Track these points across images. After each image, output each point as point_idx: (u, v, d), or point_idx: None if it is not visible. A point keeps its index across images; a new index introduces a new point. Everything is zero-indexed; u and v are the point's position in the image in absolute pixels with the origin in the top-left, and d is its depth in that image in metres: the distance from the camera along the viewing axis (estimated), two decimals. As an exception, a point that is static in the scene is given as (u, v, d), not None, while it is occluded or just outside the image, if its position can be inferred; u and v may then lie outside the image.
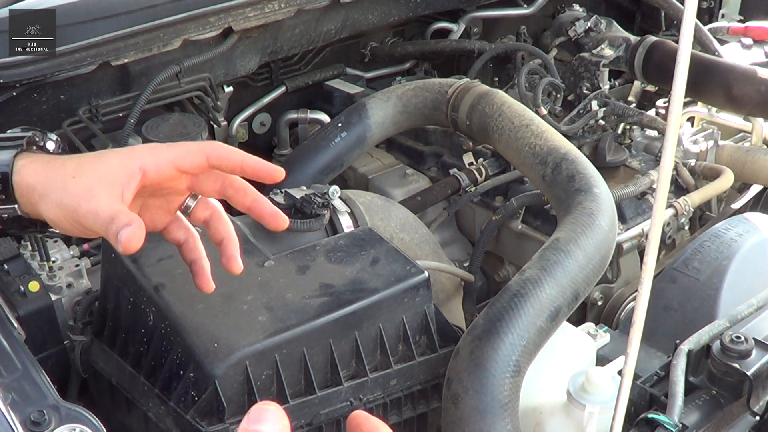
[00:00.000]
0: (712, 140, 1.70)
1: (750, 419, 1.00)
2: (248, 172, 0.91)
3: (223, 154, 0.90)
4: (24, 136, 0.90)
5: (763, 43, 2.00)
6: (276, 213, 0.93)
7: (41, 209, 0.86)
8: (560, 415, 1.05)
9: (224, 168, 0.91)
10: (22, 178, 0.86)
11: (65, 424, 0.84)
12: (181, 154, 0.89)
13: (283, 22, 1.70)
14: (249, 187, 0.94)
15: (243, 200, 0.93)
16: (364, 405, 1.04)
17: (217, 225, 0.95)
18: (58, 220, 0.85)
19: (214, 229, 0.95)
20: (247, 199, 0.93)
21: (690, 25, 0.62)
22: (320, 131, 1.64)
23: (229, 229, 0.96)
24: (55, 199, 0.84)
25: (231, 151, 0.91)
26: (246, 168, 0.90)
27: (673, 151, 0.66)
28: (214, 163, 0.90)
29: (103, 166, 0.86)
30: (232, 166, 0.90)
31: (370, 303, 1.03)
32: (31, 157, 0.88)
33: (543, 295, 1.04)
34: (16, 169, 0.86)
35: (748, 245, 1.27)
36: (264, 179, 0.92)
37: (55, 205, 0.84)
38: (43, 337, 1.19)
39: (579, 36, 1.90)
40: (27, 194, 0.86)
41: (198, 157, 0.89)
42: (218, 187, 0.93)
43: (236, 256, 0.95)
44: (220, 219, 0.96)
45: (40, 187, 0.85)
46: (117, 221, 0.81)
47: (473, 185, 1.62)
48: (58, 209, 0.84)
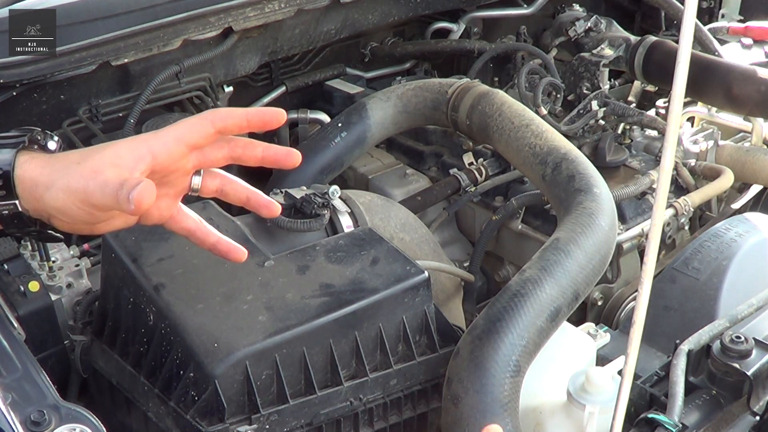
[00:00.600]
0: (712, 140, 1.70)
1: (750, 419, 1.00)
2: (254, 122, 0.91)
3: (226, 115, 0.90)
4: (26, 134, 0.90)
5: (763, 43, 2.00)
6: (290, 150, 0.93)
7: (47, 200, 0.85)
8: (560, 415, 1.05)
9: (230, 128, 0.90)
10: (25, 173, 0.86)
11: (65, 424, 0.84)
12: (186, 128, 0.89)
13: (283, 22, 1.70)
14: (255, 141, 0.94)
15: (253, 153, 0.93)
16: (364, 405, 1.04)
17: (234, 187, 0.96)
18: (65, 206, 0.85)
19: (232, 192, 0.96)
20: (257, 151, 0.93)
21: (690, 25, 0.62)
22: (320, 131, 1.64)
23: (245, 184, 0.97)
24: (61, 185, 0.84)
25: (231, 109, 0.91)
26: (251, 119, 0.90)
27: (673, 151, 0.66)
28: (219, 126, 0.89)
29: (110, 151, 0.86)
30: (238, 122, 0.90)
31: (370, 303, 1.03)
32: (32, 154, 0.88)
33: (543, 295, 1.04)
34: (17, 164, 0.86)
35: (748, 245, 1.27)
36: (270, 124, 0.91)
37: (61, 190, 0.84)
38: (43, 337, 1.19)
39: (579, 36, 1.90)
40: (30, 188, 0.86)
41: (203, 127, 0.89)
42: (226, 152, 0.92)
43: (271, 200, 0.96)
44: (232, 181, 0.96)
45: (45, 179, 0.85)
46: (127, 185, 0.81)
47: (473, 185, 1.62)
48: (65, 194, 0.84)
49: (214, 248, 0.97)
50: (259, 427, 0.96)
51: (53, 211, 0.86)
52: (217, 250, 0.97)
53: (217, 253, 0.97)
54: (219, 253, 0.97)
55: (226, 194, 0.96)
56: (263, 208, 0.97)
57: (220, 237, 0.97)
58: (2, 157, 0.86)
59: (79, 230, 0.90)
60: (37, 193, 0.86)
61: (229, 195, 0.96)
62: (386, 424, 1.07)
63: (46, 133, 0.92)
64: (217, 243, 0.97)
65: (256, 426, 0.96)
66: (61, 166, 0.86)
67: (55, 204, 0.85)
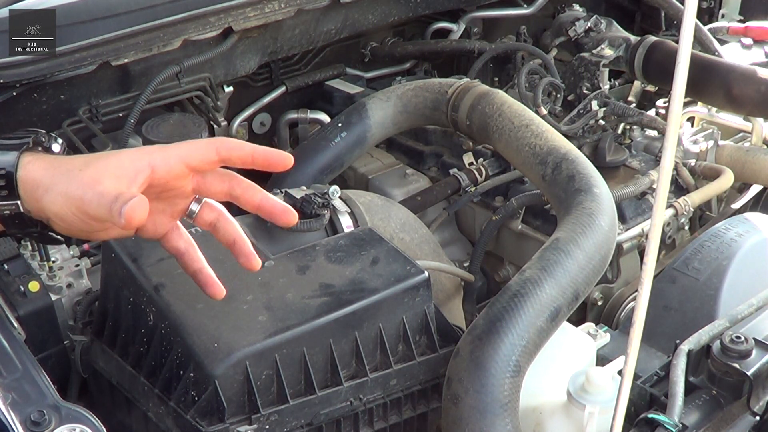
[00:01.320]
0: (712, 140, 1.70)
1: (750, 419, 1.00)
2: (259, 161, 0.90)
3: (233, 146, 0.90)
4: (30, 135, 0.90)
5: (763, 43, 2.00)
6: (286, 209, 0.93)
7: (45, 203, 0.85)
8: (560, 415, 1.05)
9: (234, 160, 0.90)
10: (27, 174, 0.86)
11: (65, 424, 0.84)
12: (191, 150, 0.89)
13: (283, 22, 1.70)
14: (256, 186, 0.94)
15: (252, 199, 0.93)
16: (364, 405, 1.04)
17: (226, 227, 0.95)
18: (62, 211, 0.85)
19: (223, 231, 0.95)
20: (255, 198, 0.93)
21: (690, 25, 0.62)
22: (320, 131, 1.64)
23: (238, 228, 0.96)
24: (60, 190, 0.84)
25: (240, 143, 0.91)
26: (257, 157, 0.90)
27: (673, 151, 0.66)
28: (224, 156, 0.89)
29: (112, 161, 0.86)
30: (243, 157, 0.90)
31: (370, 303, 1.03)
32: (36, 156, 0.88)
33: (543, 295, 1.04)
34: (21, 165, 0.86)
35: (748, 245, 1.27)
36: (275, 167, 0.91)
37: (60, 195, 0.84)
38: (43, 337, 1.19)
39: (579, 36, 1.89)
40: (31, 189, 0.86)
41: (208, 153, 0.89)
42: (225, 188, 0.93)
43: (253, 252, 0.95)
44: (227, 220, 0.96)
45: (46, 181, 0.85)
46: (120, 198, 0.81)
47: (473, 185, 1.62)
48: (63, 199, 0.84)
49: (194, 276, 0.96)
50: (259, 427, 0.96)
51: (51, 215, 0.87)
52: (197, 278, 0.96)
53: (196, 281, 0.96)
54: (198, 282, 0.96)
55: (217, 231, 0.96)
56: (243, 257, 0.95)
57: (203, 267, 0.96)
58: (6, 158, 0.87)
59: (77, 236, 0.91)
60: (37, 195, 0.86)
61: (219, 232, 0.96)
62: (386, 424, 1.07)
63: (51, 136, 0.92)
64: (198, 271, 0.96)
65: (256, 426, 0.96)
66: (63, 170, 0.86)
67: (52, 208, 0.86)
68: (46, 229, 0.90)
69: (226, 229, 0.95)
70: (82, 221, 0.86)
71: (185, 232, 0.97)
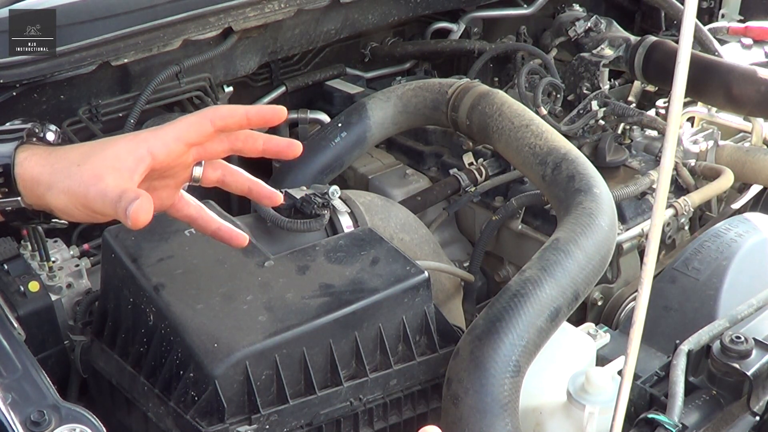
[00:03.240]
0: (712, 140, 1.70)
1: (750, 419, 1.00)
2: (254, 120, 0.91)
3: (226, 113, 0.90)
4: (24, 128, 0.89)
5: (763, 43, 2.00)
6: (291, 141, 0.94)
7: (48, 199, 0.86)
8: (560, 415, 1.05)
9: (230, 126, 0.91)
10: (25, 171, 0.86)
11: (65, 424, 0.84)
12: (185, 127, 0.89)
13: (283, 22, 1.70)
14: (255, 132, 0.94)
15: (254, 145, 0.94)
16: (364, 405, 1.04)
17: (235, 177, 0.97)
18: (67, 207, 0.85)
19: (234, 183, 0.97)
20: (258, 143, 0.94)
21: (690, 25, 0.62)
22: (320, 131, 1.64)
23: (247, 175, 0.97)
24: (62, 188, 0.84)
25: (232, 108, 0.91)
26: (251, 117, 0.91)
27: (673, 151, 0.66)
28: (219, 125, 0.90)
29: (109, 152, 0.86)
30: (238, 120, 0.90)
31: (370, 303, 1.03)
32: (32, 149, 0.88)
33: (543, 295, 1.04)
34: (17, 162, 0.86)
35: (748, 245, 1.27)
36: (271, 121, 0.92)
37: (63, 192, 0.84)
38: (43, 337, 1.19)
39: (579, 36, 1.90)
40: (31, 186, 0.86)
41: (203, 126, 0.89)
42: (226, 145, 0.93)
43: (273, 190, 0.97)
44: (234, 171, 0.97)
45: (46, 179, 0.85)
46: (125, 197, 0.82)
47: (473, 185, 1.62)
48: (66, 196, 0.84)
49: (215, 234, 0.98)
50: (259, 427, 0.96)
51: (55, 210, 0.87)
52: (219, 236, 0.98)
53: (219, 238, 0.98)
54: (221, 238, 0.98)
55: (228, 185, 0.97)
56: (265, 198, 0.98)
57: (221, 223, 0.98)
58: (2, 150, 0.87)
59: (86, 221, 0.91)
60: (39, 192, 0.86)
61: (230, 185, 0.97)
62: (386, 425, 1.07)
63: (44, 125, 0.92)
64: (218, 229, 0.98)
65: (256, 426, 0.96)
66: (61, 166, 0.86)
67: (57, 204, 0.86)
68: (49, 217, 0.91)
69: (236, 180, 0.97)
70: (87, 215, 0.86)
71: (191, 198, 0.97)
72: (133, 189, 0.83)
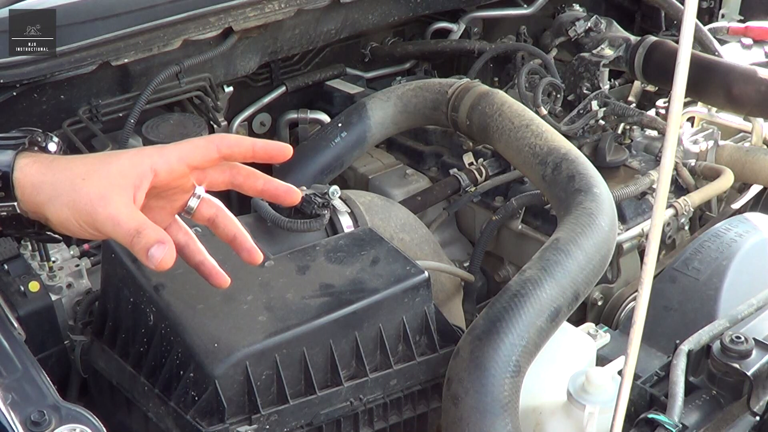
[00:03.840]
0: (712, 140, 1.70)
1: (750, 419, 1.00)
2: (260, 154, 0.91)
3: (233, 142, 0.90)
4: (26, 135, 0.89)
5: (763, 43, 2.00)
6: (289, 188, 0.94)
7: (48, 210, 0.85)
8: (560, 415, 1.05)
9: (235, 156, 0.91)
10: (25, 177, 0.86)
11: (65, 424, 0.84)
12: (191, 149, 0.89)
13: (283, 22, 1.70)
14: (257, 171, 0.94)
15: (254, 184, 0.94)
16: (364, 405, 1.04)
17: (225, 222, 0.96)
18: (68, 221, 0.84)
19: (222, 227, 0.96)
20: (258, 183, 0.94)
21: (690, 25, 0.62)
22: (320, 131, 1.64)
23: (237, 223, 0.96)
24: (65, 201, 0.84)
25: (239, 138, 0.91)
26: (257, 151, 0.91)
27: (673, 151, 0.66)
28: (225, 153, 0.90)
29: (114, 168, 0.85)
30: (243, 152, 0.90)
31: (370, 303, 1.03)
32: (33, 157, 0.87)
33: (543, 295, 1.04)
34: (17, 167, 0.86)
35: (748, 245, 1.27)
36: (276, 159, 0.92)
37: (66, 206, 0.84)
38: (43, 337, 1.19)
39: (579, 36, 1.90)
40: (30, 194, 0.85)
41: (208, 151, 0.89)
42: (227, 177, 0.93)
43: (254, 247, 0.96)
44: (226, 215, 0.96)
45: (48, 188, 0.85)
46: (145, 236, 0.82)
47: (473, 185, 1.62)
48: (70, 211, 0.84)
49: (197, 268, 0.96)
50: (259, 428, 0.96)
51: (54, 222, 0.86)
52: (200, 270, 0.96)
53: (200, 273, 0.97)
54: (201, 273, 0.96)
55: (216, 226, 0.96)
56: (244, 251, 0.96)
57: (205, 258, 0.96)
58: (2, 159, 0.86)
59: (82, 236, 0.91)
60: (38, 200, 0.85)
61: (218, 228, 0.96)
62: (386, 424, 1.07)
63: (47, 135, 0.92)
64: (201, 263, 0.96)
65: (256, 426, 0.96)
66: (64, 177, 0.85)
67: (58, 217, 0.85)
68: (44, 228, 0.90)
69: (225, 225, 0.96)
70: (86, 232, 0.86)
71: (184, 225, 0.97)
72: (150, 226, 0.83)
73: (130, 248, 0.83)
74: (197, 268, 0.96)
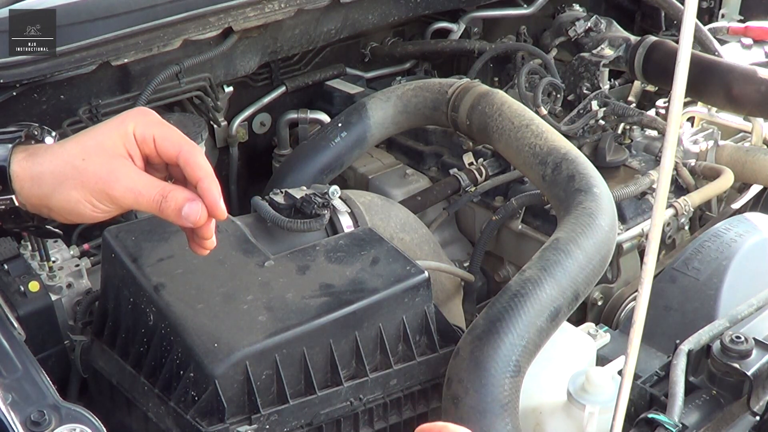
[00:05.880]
0: (712, 140, 1.70)
1: (750, 419, 1.00)
2: (201, 192, 0.86)
3: (192, 162, 0.86)
4: (22, 129, 0.89)
5: (763, 43, 2.00)
6: (219, 205, 0.86)
7: (54, 200, 0.84)
8: (560, 415, 1.05)
9: (186, 174, 0.86)
10: (23, 170, 0.85)
11: (65, 424, 0.84)
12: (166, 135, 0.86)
13: (283, 22, 1.70)
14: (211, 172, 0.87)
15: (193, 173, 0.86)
16: (364, 405, 1.04)
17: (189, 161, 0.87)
18: (79, 205, 0.84)
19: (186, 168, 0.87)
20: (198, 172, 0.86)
21: (690, 25, 0.62)
22: (320, 131, 1.64)
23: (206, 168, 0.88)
24: (73, 185, 0.83)
25: (200, 165, 0.86)
26: (202, 189, 0.86)
27: (673, 151, 0.66)
28: (180, 162, 0.86)
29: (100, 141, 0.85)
30: (192, 177, 0.86)
31: (370, 303, 1.03)
32: (30, 149, 0.87)
33: (543, 295, 1.04)
34: (15, 160, 0.85)
35: (748, 245, 1.27)
36: (208, 207, 0.86)
37: (74, 190, 0.83)
38: (43, 337, 1.19)
39: (579, 36, 1.90)
40: (30, 187, 0.85)
41: (173, 149, 0.86)
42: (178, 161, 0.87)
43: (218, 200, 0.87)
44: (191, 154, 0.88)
45: (49, 178, 0.84)
46: (172, 198, 0.83)
47: (473, 185, 1.62)
48: (80, 193, 0.83)
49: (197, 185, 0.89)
50: (259, 427, 0.96)
51: (58, 209, 0.86)
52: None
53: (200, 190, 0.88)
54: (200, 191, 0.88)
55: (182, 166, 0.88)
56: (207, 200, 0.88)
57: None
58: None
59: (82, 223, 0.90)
60: (41, 192, 0.85)
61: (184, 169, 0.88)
62: (386, 424, 1.07)
63: (44, 129, 0.91)
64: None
65: (256, 426, 0.96)
66: (62, 162, 0.84)
67: (67, 204, 0.84)
68: (43, 222, 0.90)
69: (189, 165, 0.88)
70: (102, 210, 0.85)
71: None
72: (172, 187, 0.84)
73: (159, 214, 0.83)
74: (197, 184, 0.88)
